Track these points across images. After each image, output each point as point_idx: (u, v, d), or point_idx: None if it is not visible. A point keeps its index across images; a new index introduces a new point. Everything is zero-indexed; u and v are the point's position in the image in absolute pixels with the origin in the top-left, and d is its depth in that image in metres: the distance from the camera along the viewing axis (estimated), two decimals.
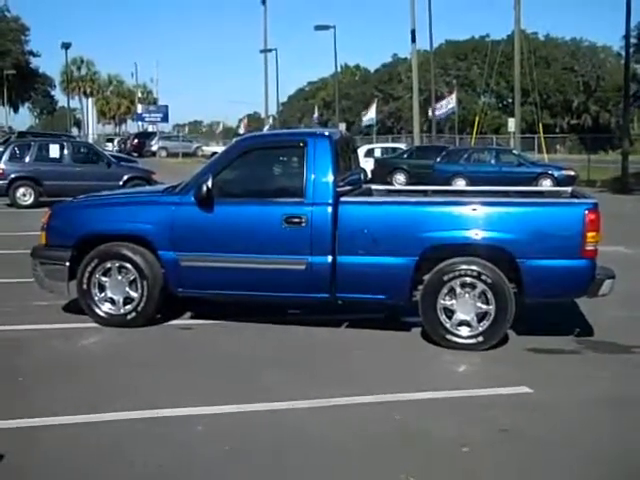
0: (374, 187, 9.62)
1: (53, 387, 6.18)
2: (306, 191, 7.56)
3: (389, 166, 32.64)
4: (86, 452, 4.95)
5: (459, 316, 7.30)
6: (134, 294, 7.86)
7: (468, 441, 5.11)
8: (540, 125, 45.51)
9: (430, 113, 48.66)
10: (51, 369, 6.68)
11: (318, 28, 50.56)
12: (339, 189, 7.65)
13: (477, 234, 7.26)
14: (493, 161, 30.13)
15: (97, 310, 7.93)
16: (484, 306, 7.25)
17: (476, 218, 7.31)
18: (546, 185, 27.02)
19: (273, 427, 5.41)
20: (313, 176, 7.57)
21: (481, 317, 7.26)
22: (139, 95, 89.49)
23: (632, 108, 33.46)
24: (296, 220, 7.48)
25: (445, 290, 7.29)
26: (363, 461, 4.86)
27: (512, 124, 42.12)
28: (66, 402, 5.79)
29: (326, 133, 8.10)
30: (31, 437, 5.18)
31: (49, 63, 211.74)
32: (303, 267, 7.49)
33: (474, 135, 49.12)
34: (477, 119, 48.40)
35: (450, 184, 25.90)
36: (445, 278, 7.27)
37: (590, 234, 7.11)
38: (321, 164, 7.59)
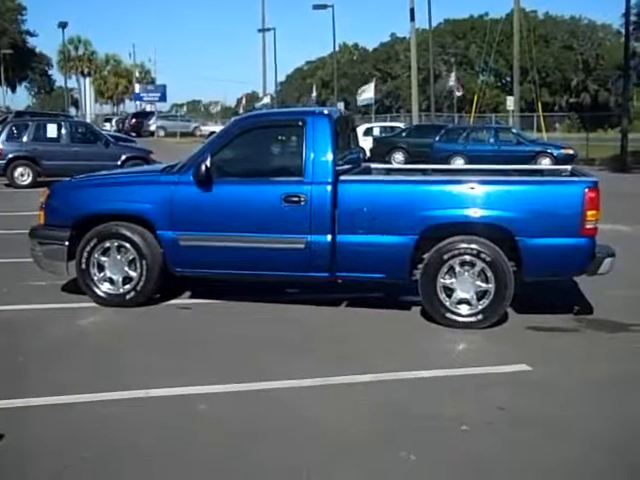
0: (373, 166, 9.59)
1: (52, 367, 6.18)
2: (305, 170, 7.53)
3: (388, 145, 32.62)
4: (80, 433, 4.95)
5: (459, 294, 7.30)
6: (133, 274, 7.85)
7: (467, 419, 5.11)
8: (539, 103, 45.38)
9: (429, 92, 48.50)
10: (50, 349, 6.68)
11: (316, 7, 50.30)
12: (338, 168, 7.63)
13: (476, 213, 7.25)
14: (492, 140, 30.04)
15: (96, 290, 7.92)
16: (484, 284, 7.25)
17: (475, 197, 7.29)
18: (545, 164, 26.95)
19: (272, 407, 5.41)
20: (312, 155, 7.53)
21: (481, 295, 7.26)
22: (137, 75, 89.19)
23: (631, 86, 33.20)
24: (295, 199, 7.46)
25: (445, 269, 7.29)
26: (363, 440, 4.86)
27: (511, 102, 42.07)
28: (65, 382, 5.79)
29: (325, 112, 8.05)
30: (30, 417, 5.18)
31: (46, 42, 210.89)
32: (302, 246, 7.48)
33: (473, 114, 49.02)
34: (476, 98, 48.28)
35: (449, 163, 25.91)
36: (445, 257, 7.26)
37: (590, 212, 7.09)
38: (320, 143, 7.55)
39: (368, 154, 29.65)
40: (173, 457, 4.62)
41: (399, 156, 31.72)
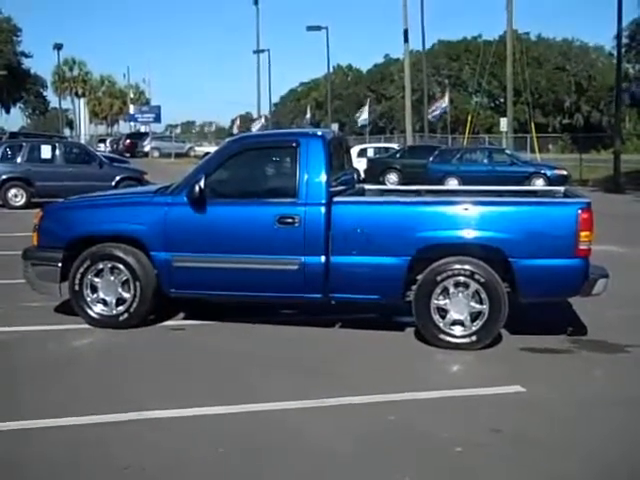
0: (367, 187, 9.60)
1: (44, 389, 6.14)
2: (299, 191, 7.54)
3: (382, 166, 32.65)
4: (75, 455, 4.91)
5: (452, 316, 7.29)
6: (126, 295, 7.83)
7: (462, 441, 5.09)
8: (532, 124, 45.56)
9: (423, 113, 48.70)
10: (43, 371, 6.64)
11: (310, 29, 50.54)
12: (332, 189, 7.64)
13: (470, 233, 7.25)
14: (486, 160, 30.13)
15: (89, 311, 7.89)
16: (477, 305, 7.24)
17: (469, 218, 7.30)
18: (539, 184, 27.04)
19: (265, 429, 5.38)
20: (306, 176, 7.54)
21: (475, 317, 7.25)
22: (131, 96, 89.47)
23: (623, 107, 33.37)
24: (289, 220, 7.46)
25: (438, 290, 7.28)
26: (357, 462, 4.84)
27: (504, 124, 42.17)
28: (57, 404, 5.76)
29: (319, 133, 8.09)
30: (21, 439, 5.13)
31: (41, 64, 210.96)
32: (296, 267, 7.47)
33: (467, 135, 49.18)
34: (469, 119, 48.45)
35: (443, 184, 25.94)
36: (438, 278, 7.26)
37: (583, 233, 7.11)
38: (314, 164, 7.57)
39: (362, 175, 29.79)
40: (167, 478, 4.59)
41: (393, 177, 31.76)
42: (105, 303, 7.89)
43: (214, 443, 5.10)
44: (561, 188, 9.00)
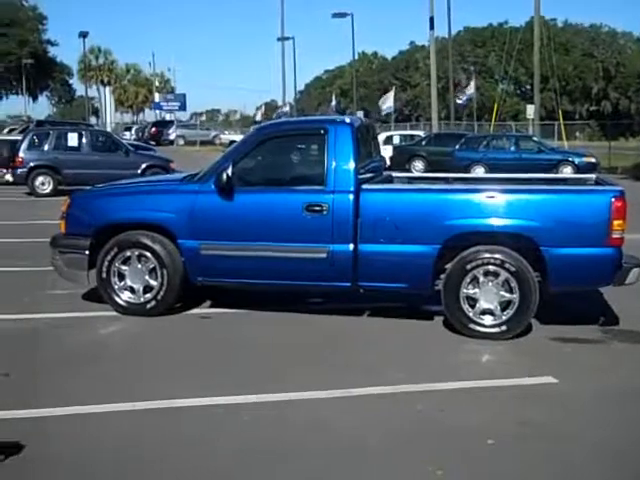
0: (395, 175, 9.51)
1: (72, 377, 6.13)
2: (327, 179, 7.47)
3: (407, 153, 32.50)
4: (104, 442, 4.90)
5: (482, 305, 7.20)
6: (154, 283, 7.81)
7: (494, 433, 5.01)
8: (560, 111, 45.12)
9: (450, 100, 48.39)
10: (71, 358, 6.63)
11: (335, 16, 50.37)
12: (360, 177, 7.56)
13: (500, 222, 7.15)
14: (513, 148, 29.85)
15: (117, 299, 7.88)
16: (508, 295, 7.14)
17: (500, 206, 7.20)
18: (566, 172, 26.75)
19: (293, 418, 5.34)
20: (334, 164, 7.47)
21: (505, 306, 7.16)
22: (157, 84, 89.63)
23: None
24: (317, 208, 7.40)
25: (468, 279, 7.19)
26: (387, 454, 4.77)
27: (531, 111, 41.75)
28: (85, 392, 5.75)
29: (347, 120, 8.00)
30: (50, 427, 5.12)
31: (67, 52, 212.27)
32: (324, 255, 7.41)
33: (493, 122, 48.82)
34: (496, 106, 48.08)
35: (469, 171, 25.77)
36: (468, 267, 7.17)
37: (617, 222, 6.98)
38: (342, 152, 7.49)
39: (388, 162, 29.61)
40: (196, 469, 4.56)
41: (419, 164, 31.59)
42: (132, 291, 7.88)
43: (241, 432, 5.07)
44: (592, 176, 8.88)
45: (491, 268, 7.15)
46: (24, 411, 5.33)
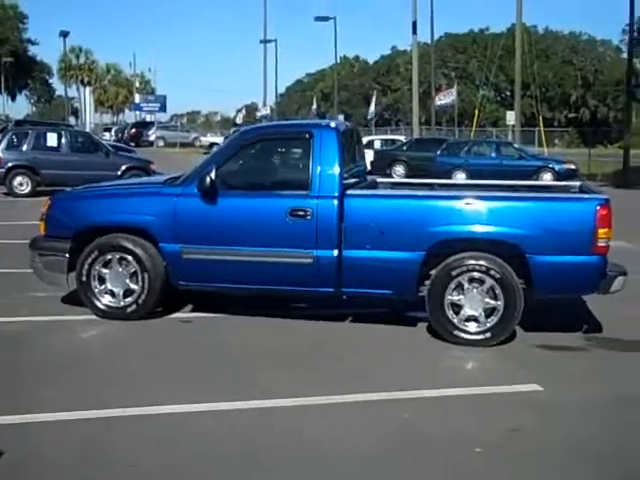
0: (379, 180, 9.46)
1: (51, 382, 6.02)
2: (312, 184, 7.40)
3: (389, 158, 32.52)
4: (84, 449, 4.81)
5: (467, 311, 7.16)
6: (135, 287, 7.70)
7: (481, 441, 4.97)
8: (540, 118, 45.35)
9: (430, 105, 48.52)
10: (50, 362, 6.53)
11: (318, 19, 50.47)
12: (345, 182, 7.50)
13: (486, 229, 7.12)
14: (494, 154, 29.95)
15: (97, 302, 7.76)
16: (492, 302, 7.11)
17: (485, 213, 7.17)
18: (547, 178, 26.90)
19: (274, 426, 5.26)
20: (319, 168, 7.41)
21: (489, 313, 7.13)
22: (137, 85, 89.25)
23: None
24: (301, 213, 7.33)
25: (453, 285, 7.15)
26: (373, 462, 4.71)
27: (511, 117, 42.02)
28: (64, 397, 5.65)
29: (332, 125, 7.94)
30: (30, 433, 5.03)
31: (47, 51, 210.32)
32: (308, 261, 7.34)
33: (474, 128, 48.98)
34: (476, 112, 48.25)
35: (450, 177, 25.81)
36: (453, 273, 7.13)
37: (602, 230, 6.97)
38: (327, 156, 7.43)
39: (369, 167, 29.58)
40: (170, 475, 4.48)
41: (400, 169, 31.61)
42: (113, 294, 7.77)
43: (222, 440, 4.99)
44: (577, 183, 8.88)
45: (476, 275, 7.11)
46: (4, 417, 5.21)
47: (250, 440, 5.01)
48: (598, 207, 7.01)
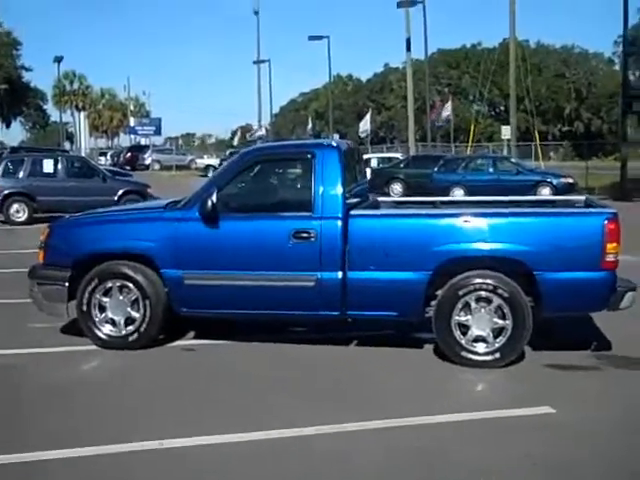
0: (381, 199, 9.35)
1: (52, 417, 5.86)
2: (315, 205, 7.29)
3: (386, 176, 32.42)
4: None
5: (474, 332, 7.03)
6: (136, 314, 7.56)
7: (495, 469, 4.84)
8: (536, 132, 45.37)
9: (425, 121, 48.56)
10: (50, 397, 6.36)
11: (312, 38, 50.54)
12: (347, 201, 7.39)
13: (492, 246, 7.00)
14: (491, 169, 29.92)
15: (98, 332, 7.61)
16: (500, 321, 6.98)
17: (491, 230, 7.05)
18: (545, 193, 26.85)
19: (281, 456, 5.12)
20: (321, 189, 7.30)
21: (497, 333, 6.99)
22: (131, 108, 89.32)
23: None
24: (305, 235, 7.21)
25: (460, 305, 7.03)
26: None
27: (506, 131, 42.00)
28: (66, 433, 5.49)
29: (334, 144, 7.84)
30: (30, 473, 4.88)
31: (41, 77, 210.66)
32: (312, 284, 7.21)
33: (470, 143, 48.99)
34: (472, 127, 48.28)
35: (448, 193, 25.73)
36: (460, 293, 7.00)
37: (610, 245, 6.87)
38: (330, 176, 7.32)
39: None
40: None
41: (398, 187, 31.53)
42: (114, 323, 7.62)
43: (229, 474, 4.85)
44: (582, 197, 8.75)
45: (483, 294, 6.99)
46: (2, 456, 5.04)
47: (254, 471, 4.88)
48: (606, 221, 6.91)
